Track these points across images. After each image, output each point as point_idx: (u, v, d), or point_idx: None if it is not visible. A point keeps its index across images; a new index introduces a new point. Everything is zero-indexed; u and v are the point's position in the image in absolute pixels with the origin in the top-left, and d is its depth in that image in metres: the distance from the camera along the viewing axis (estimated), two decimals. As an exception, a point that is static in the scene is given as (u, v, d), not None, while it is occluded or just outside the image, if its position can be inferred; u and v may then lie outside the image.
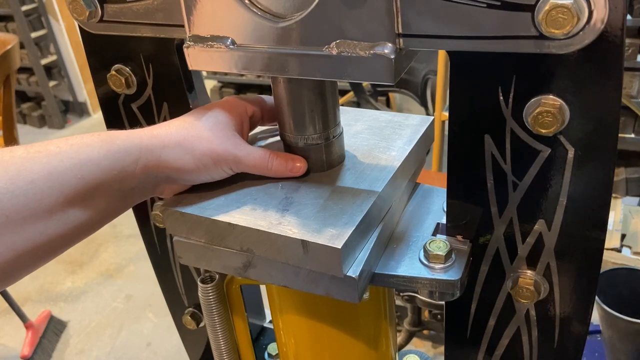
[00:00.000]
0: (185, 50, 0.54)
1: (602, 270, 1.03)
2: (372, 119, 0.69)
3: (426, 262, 0.55)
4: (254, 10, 0.49)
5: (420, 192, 0.67)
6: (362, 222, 0.52)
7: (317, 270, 0.52)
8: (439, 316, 1.84)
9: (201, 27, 0.52)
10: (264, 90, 4.11)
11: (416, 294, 1.61)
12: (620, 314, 1.49)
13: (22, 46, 4.15)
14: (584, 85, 0.43)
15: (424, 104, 2.96)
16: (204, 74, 3.65)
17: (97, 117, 4.74)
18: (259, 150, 0.57)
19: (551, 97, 0.44)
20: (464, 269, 0.54)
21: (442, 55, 2.28)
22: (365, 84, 3.01)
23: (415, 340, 2.12)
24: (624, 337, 1.54)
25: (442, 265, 0.54)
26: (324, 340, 0.67)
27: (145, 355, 2.31)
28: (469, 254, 0.55)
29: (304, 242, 0.50)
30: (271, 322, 0.74)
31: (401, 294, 1.63)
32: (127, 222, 1.10)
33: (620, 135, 0.79)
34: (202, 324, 0.85)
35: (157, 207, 0.72)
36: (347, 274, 0.50)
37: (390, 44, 0.45)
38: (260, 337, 0.93)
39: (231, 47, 0.51)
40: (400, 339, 1.91)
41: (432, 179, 2.11)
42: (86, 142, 0.50)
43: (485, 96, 0.47)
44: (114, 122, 0.70)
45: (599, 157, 0.46)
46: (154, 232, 0.79)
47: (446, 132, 2.49)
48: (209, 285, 0.73)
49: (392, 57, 0.45)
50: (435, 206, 0.63)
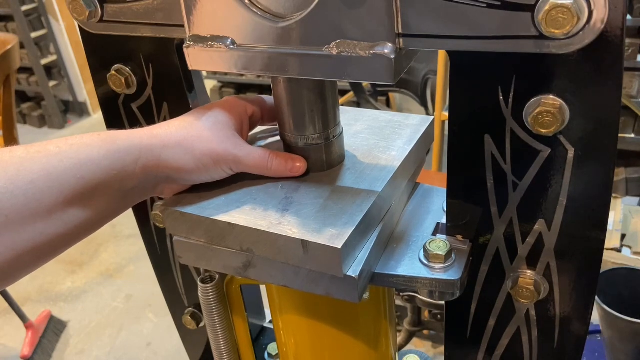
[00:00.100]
0: (185, 50, 0.54)
1: (602, 270, 1.03)
2: (372, 119, 0.69)
3: (426, 262, 0.55)
4: (254, 10, 0.49)
5: (420, 192, 0.67)
6: (362, 222, 0.52)
7: (317, 270, 0.52)
8: (439, 316, 1.84)
9: (201, 27, 0.52)
10: (264, 90, 4.11)
11: (416, 294, 1.61)
12: (620, 314, 1.49)
13: (22, 46, 4.15)
14: (584, 85, 0.43)
15: (424, 104, 2.96)
16: (204, 74, 3.65)
17: (97, 117, 4.74)
18: (258, 150, 0.57)
19: (551, 97, 0.44)
20: (464, 269, 0.54)
21: (442, 55, 2.28)
22: (365, 84, 3.01)
23: (415, 340, 2.12)
24: (624, 337, 1.54)
25: (442, 265, 0.54)
26: (324, 340, 0.67)
27: (145, 355, 2.31)
28: (469, 254, 0.55)
29: (304, 242, 0.50)
30: (271, 322, 0.74)
31: (401, 294, 1.63)
32: (127, 222, 1.11)
33: (620, 135, 0.79)
34: (202, 324, 0.85)
35: (157, 207, 0.72)
36: (347, 274, 0.50)
37: (390, 44, 0.45)
38: (260, 337, 0.93)
39: (231, 47, 0.51)
40: (400, 339, 1.91)
41: (432, 179, 2.11)
42: (86, 142, 0.50)
43: (485, 96, 0.47)
44: (114, 122, 0.70)
45: (599, 157, 0.46)
46: (154, 232, 0.79)
47: (446, 132, 2.49)
48: (209, 285, 0.73)
49: (392, 57, 0.45)
50: (435, 206, 0.63)
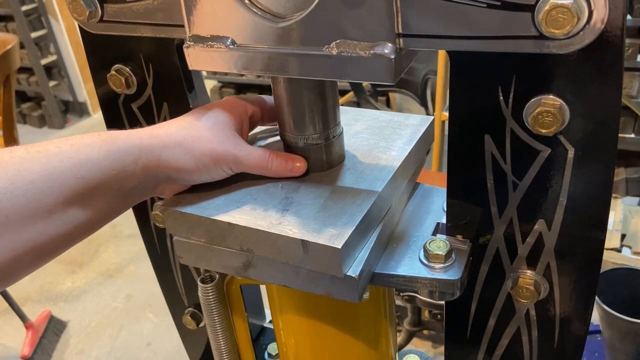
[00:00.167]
0: (185, 50, 0.54)
1: (602, 270, 1.03)
2: (372, 118, 0.69)
3: (426, 262, 0.55)
4: (254, 10, 0.49)
5: (420, 192, 0.67)
6: (362, 222, 0.52)
7: (317, 270, 0.52)
8: (439, 316, 1.84)
9: (201, 27, 0.52)
10: (264, 90, 4.11)
11: (416, 294, 1.61)
12: (620, 314, 1.49)
13: (22, 46, 4.15)
14: (584, 85, 0.43)
15: (424, 104, 2.96)
16: (204, 74, 3.65)
17: (97, 117, 4.74)
18: (258, 150, 0.57)
19: (551, 97, 0.44)
20: (464, 269, 0.54)
21: (442, 55, 2.28)
22: (365, 84, 3.01)
23: (415, 340, 2.12)
24: (624, 337, 1.54)
25: (442, 264, 0.54)
26: (324, 340, 0.67)
27: (145, 355, 2.31)
28: (469, 254, 0.55)
29: (304, 242, 0.50)
30: (271, 322, 0.74)
31: (401, 294, 1.63)
32: (127, 222, 1.11)
33: (620, 135, 0.79)
34: (202, 324, 0.85)
35: (157, 207, 0.72)
36: (347, 274, 0.50)
37: (390, 44, 0.45)
38: (260, 337, 0.93)
39: (231, 47, 0.51)
40: (400, 339, 1.91)
41: (432, 179, 2.10)
42: (86, 142, 0.50)
43: (485, 96, 0.47)
44: (114, 122, 0.70)
45: (599, 157, 0.46)
46: (154, 232, 0.79)
47: (446, 132, 2.49)
48: (209, 285, 0.73)
49: (392, 57, 0.45)
50: (435, 206, 0.63)
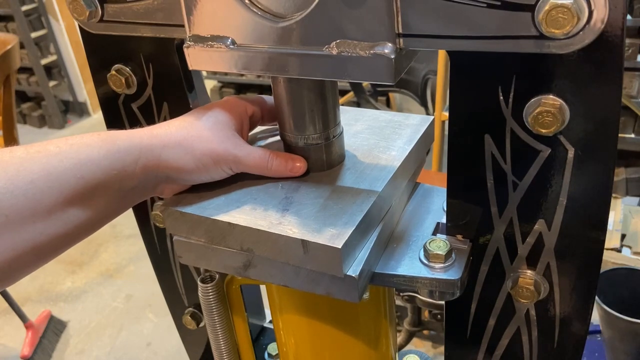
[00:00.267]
0: (185, 50, 0.54)
1: (602, 270, 1.03)
2: (372, 118, 0.69)
3: (426, 262, 0.55)
4: (254, 10, 0.49)
5: (420, 191, 0.67)
6: (362, 221, 0.52)
7: (317, 270, 0.52)
8: (439, 316, 1.84)
9: (201, 27, 0.52)
10: (264, 90, 4.11)
11: (416, 294, 1.61)
12: (620, 314, 1.49)
13: (22, 46, 4.15)
14: (584, 85, 0.43)
15: (424, 104, 2.96)
16: (204, 74, 3.65)
17: (97, 117, 4.74)
18: (258, 150, 0.57)
19: (551, 97, 0.44)
20: (464, 269, 0.54)
21: (442, 55, 2.28)
22: (365, 83, 3.01)
23: (415, 340, 2.12)
24: (624, 337, 1.54)
25: (442, 264, 0.54)
26: (324, 340, 0.67)
27: (145, 355, 2.31)
28: (469, 254, 0.55)
29: (304, 242, 0.50)
30: (271, 322, 0.74)
31: (401, 294, 1.63)
32: (127, 222, 1.10)
33: (620, 135, 0.79)
34: (202, 324, 0.85)
35: (157, 207, 0.72)
36: (347, 274, 0.50)
37: (390, 44, 0.45)
38: (260, 337, 0.93)
39: (231, 47, 0.51)
40: (400, 339, 1.91)
41: (432, 179, 2.10)
42: (86, 142, 0.50)
43: (485, 96, 0.47)
44: (114, 122, 0.70)
45: (599, 157, 0.46)
46: (154, 232, 0.79)
47: (446, 132, 2.49)
48: (209, 285, 0.73)
49: (392, 57, 0.45)
50: (435, 206, 0.63)
